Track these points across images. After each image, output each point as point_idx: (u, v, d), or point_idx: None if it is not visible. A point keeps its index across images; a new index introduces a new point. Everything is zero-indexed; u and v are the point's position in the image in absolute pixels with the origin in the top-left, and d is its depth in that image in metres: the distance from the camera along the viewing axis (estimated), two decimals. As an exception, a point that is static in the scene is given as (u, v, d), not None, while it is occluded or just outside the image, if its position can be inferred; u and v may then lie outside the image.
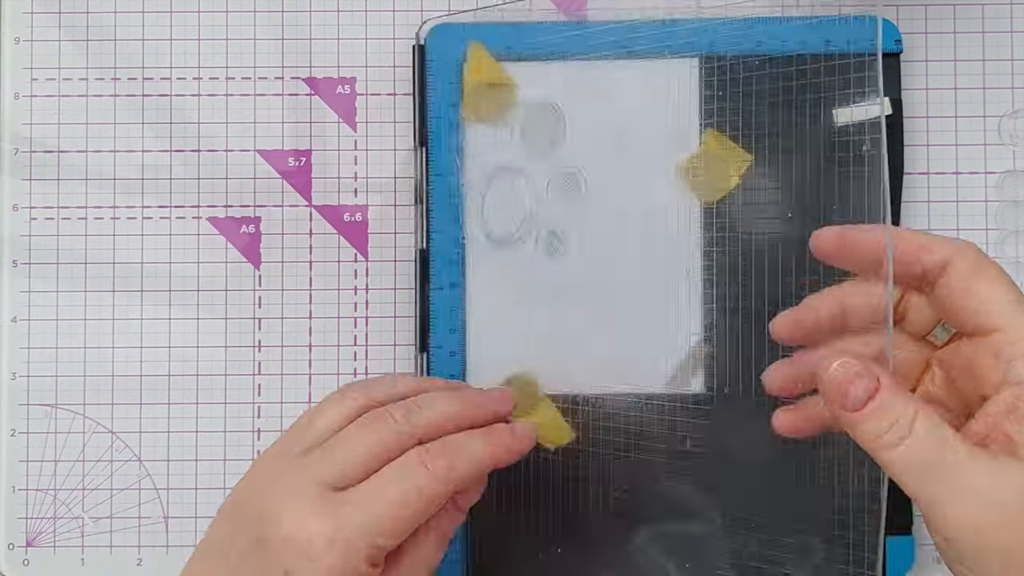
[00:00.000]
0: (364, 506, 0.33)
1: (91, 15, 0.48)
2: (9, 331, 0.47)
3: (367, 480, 0.34)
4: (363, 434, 0.35)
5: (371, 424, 0.35)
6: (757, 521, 0.45)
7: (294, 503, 0.33)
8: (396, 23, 0.48)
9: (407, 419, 0.35)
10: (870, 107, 0.46)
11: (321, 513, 0.33)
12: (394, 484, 0.33)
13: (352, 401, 0.36)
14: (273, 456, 0.36)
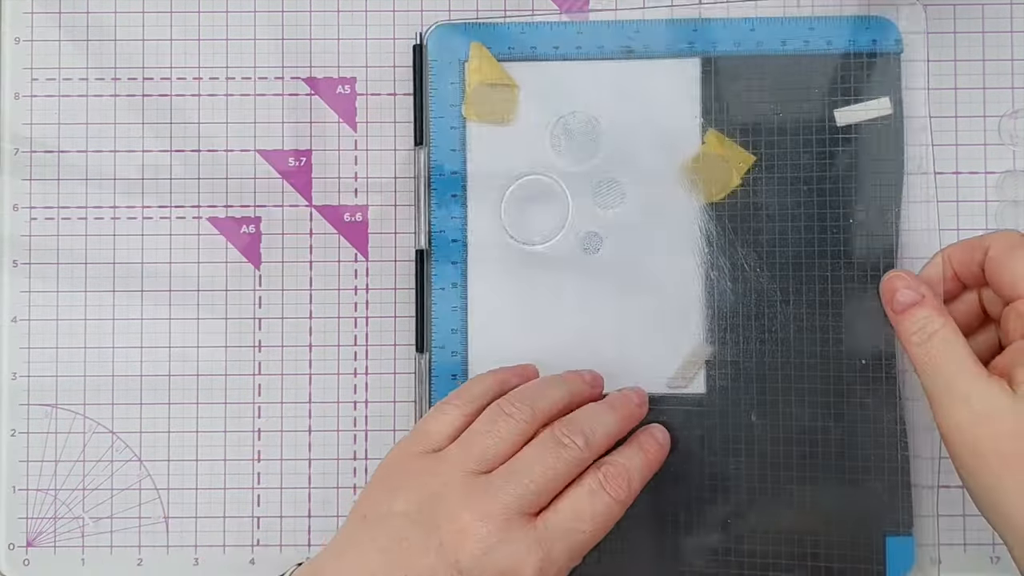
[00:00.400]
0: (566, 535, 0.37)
1: (91, 15, 0.48)
2: (9, 331, 0.47)
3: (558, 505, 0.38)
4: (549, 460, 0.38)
5: (556, 450, 0.38)
6: (758, 520, 0.45)
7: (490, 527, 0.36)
8: (396, 23, 0.48)
9: (587, 446, 0.38)
10: (871, 107, 0.46)
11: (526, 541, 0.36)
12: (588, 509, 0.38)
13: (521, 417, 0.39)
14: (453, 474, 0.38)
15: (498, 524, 0.36)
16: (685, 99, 0.46)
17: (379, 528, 0.37)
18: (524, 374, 0.43)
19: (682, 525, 0.45)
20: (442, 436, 0.40)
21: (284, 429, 0.47)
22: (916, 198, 0.46)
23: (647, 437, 0.42)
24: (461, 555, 0.36)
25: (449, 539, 0.36)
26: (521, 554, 0.36)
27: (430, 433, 0.40)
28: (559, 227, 0.46)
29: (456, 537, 0.36)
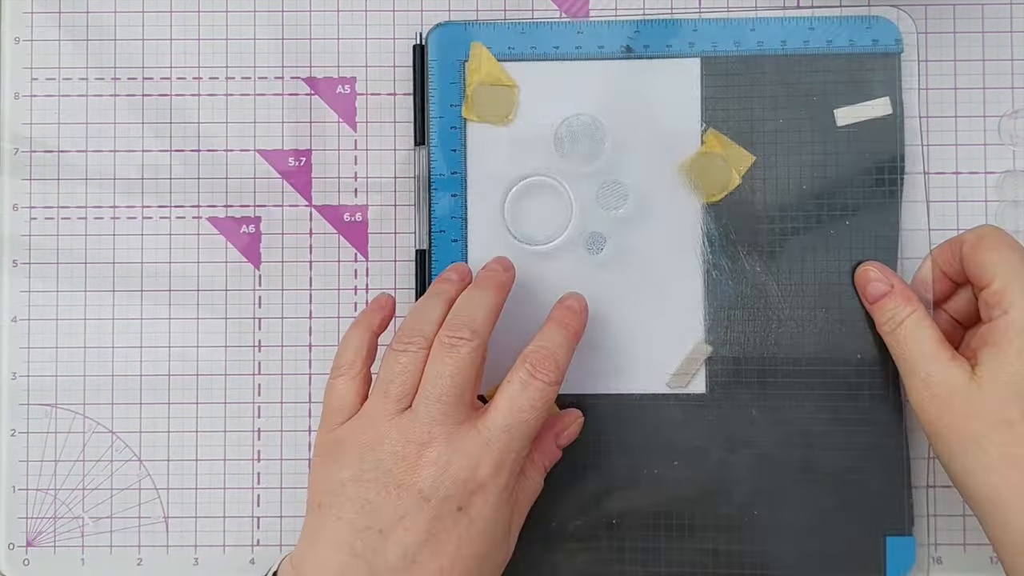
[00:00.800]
0: (511, 428, 0.38)
1: (91, 15, 0.48)
2: (9, 331, 0.47)
3: (496, 404, 0.39)
4: (450, 366, 0.39)
5: (451, 353, 0.39)
6: (758, 520, 0.45)
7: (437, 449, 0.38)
8: (396, 23, 0.48)
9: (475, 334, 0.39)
10: (871, 107, 0.46)
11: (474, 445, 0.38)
12: (525, 400, 0.39)
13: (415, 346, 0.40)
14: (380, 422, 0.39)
15: (441, 443, 0.38)
16: (685, 99, 0.46)
17: (337, 505, 0.38)
18: (380, 305, 0.43)
19: (682, 525, 0.45)
20: (347, 403, 0.40)
21: (284, 429, 0.47)
22: (915, 198, 0.46)
23: (564, 312, 0.42)
24: (421, 483, 0.37)
25: (404, 478, 0.37)
26: (475, 458, 0.38)
27: (336, 408, 0.40)
28: (562, 227, 0.46)
29: (409, 471, 0.37)
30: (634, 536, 0.45)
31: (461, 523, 0.37)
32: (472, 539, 0.38)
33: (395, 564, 0.37)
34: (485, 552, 0.38)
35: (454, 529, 0.37)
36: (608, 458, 0.45)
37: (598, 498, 0.45)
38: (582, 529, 0.45)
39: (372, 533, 0.37)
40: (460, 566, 0.37)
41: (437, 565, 0.37)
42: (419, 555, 0.37)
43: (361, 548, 0.37)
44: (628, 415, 0.46)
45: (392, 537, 0.37)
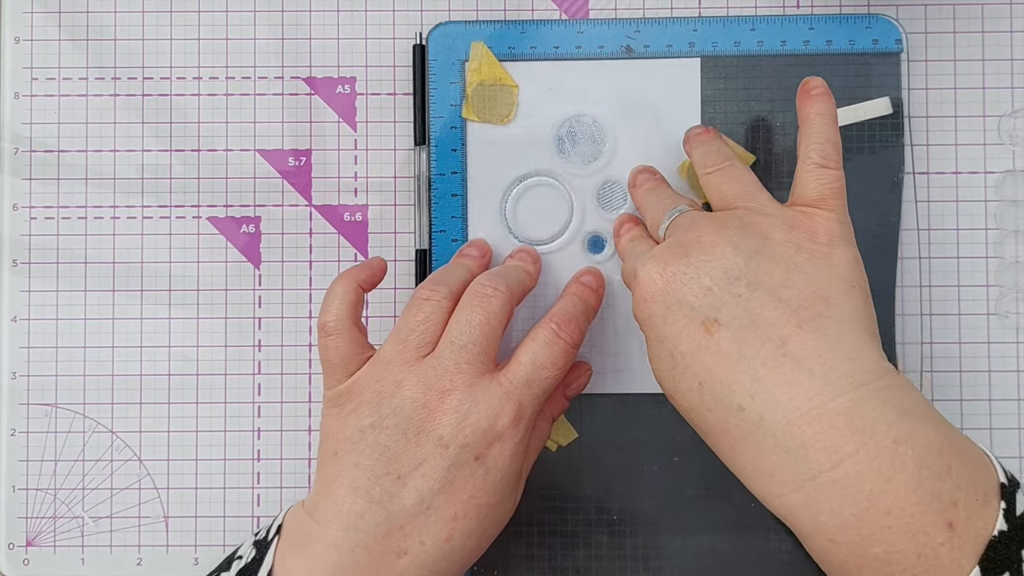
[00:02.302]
0: (532, 383, 0.39)
1: (91, 15, 0.48)
2: (9, 331, 0.47)
3: (518, 358, 0.39)
4: (479, 315, 0.39)
5: (483, 302, 0.39)
6: (758, 518, 0.45)
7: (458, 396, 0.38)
8: (396, 23, 0.48)
9: (508, 288, 0.40)
10: (871, 107, 0.46)
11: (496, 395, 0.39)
12: (547, 357, 0.39)
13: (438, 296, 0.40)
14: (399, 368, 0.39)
15: (462, 391, 0.38)
16: (685, 99, 0.46)
17: (356, 452, 0.38)
18: (370, 264, 0.43)
19: (682, 524, 0.45)
20: (346, 357, 0.40)
21: (284, 429, 0.47)
22: (914, 198, 0.46)
23: (581, 287, 0.44)
24: (441, 431, 0.38)
25: (424, 424, 0.38)
26: (495, 408, 0.38)
27: (337, 364, 0.40)
28: (562, 227, 0.46)
29: (429, 418, 0.38)
30: (634, 535, 0.45)
31: (478, 472, 0.38)
32: (487, 488, 0.38)
33: (411, 510, 0.37)
34: (498, 500, 0.38)
35: (471, 478, 0.38)
36: (608, 457, 0.45)
37: (598, 497, 0.45)
38: (582, 528, 0.45)
39: (390, 479, 0.37)
40: (473, 513, 0.38)
41: (451, 512, 0.37)
42: (435, 501, 0.37)
43: (379, 494, 0.37)
44: (628, 415, 0.46)
45: (409, 483, 0.37)
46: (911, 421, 0.34)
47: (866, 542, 0.33)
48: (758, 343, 0.35)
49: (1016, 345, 0.46)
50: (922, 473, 0.33)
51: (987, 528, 0.33)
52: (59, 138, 0.48)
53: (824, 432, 0.33)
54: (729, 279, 0.36)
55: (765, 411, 0.34)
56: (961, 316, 0.46)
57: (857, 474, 0.33)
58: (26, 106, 0.48)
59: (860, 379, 0.34)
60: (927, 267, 0.46)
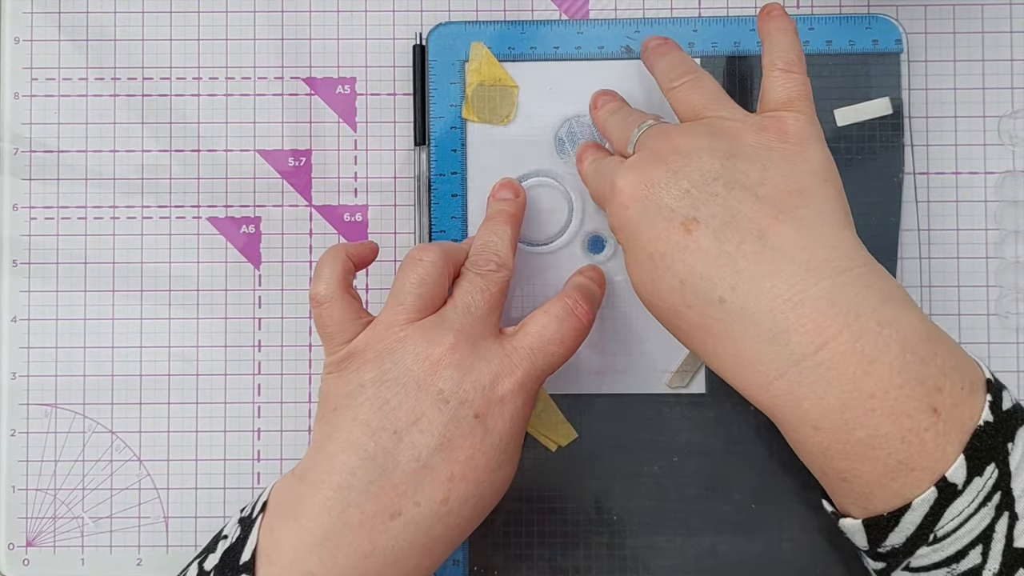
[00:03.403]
0: (537, 354, 0.39)
1: (91, 15, 0.48)
2: (9, 331, 0.47)
3: (526, 329, 0.40)
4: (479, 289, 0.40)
5: (482, 279, 0.40)
6: (758, 518, 0.45)
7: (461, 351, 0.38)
8: (396, 23, 0.48)
9: (502, 264, 0.41)
10: (871, 107, 0.46)
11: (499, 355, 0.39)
12: (556, 332, 0.39)
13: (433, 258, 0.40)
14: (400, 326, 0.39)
15: (467, 347, 0.38)
16: (685, 99, 0.46)
17: (354, 406, 0.37)
18: (362, 244, 0.43)
19: (682, 524, 0.45)
20: (343, 322, 0.39)
21: (284, 429, 0.47)
22: (914, 198, 0.46)
23: (584, 279, 0.43)
24: (442, 383, 0.37)
25: (424, 377, 0.37)
26: (497, 369, 0.38)
27: (334, 332, 0.40)
28: (562, 227, 0.46)
29: (431, 371, 0.37)
30: (634, 535, 0.45)
31: (476, 432, 0.37)
32: (485, 450, 0.37)
33: (406, 467, 0.36)
34: (495, 466, 0.38)
35: (469, 436, 0.37)
36: (608, 457, 0.45)
37: (598, 497, 0.45)
38: (582, 528, 0.45)
39: (387, 434, 0.37)
40: (471, 476, 0.37)
41: (448, 472, 0.37)
42: (431, 459, 0.36)
43: (374, 450, 0.36)
44: (628, 415, 0.46)
45: (406, 438, 0.37)
46: (895, 306, 0.34)
47: (850, 426, 0.33)
48: (738, 237, 0.35)
49: (1016, 345, 0.46)
50: (906, 356, 0.33)
51: (972, 417, 0.33)
52: (59, 138, 0.48)
53: (807, 316, 0.34)
54: (706, 180, 0.36)
55: (747, 301, 0.35)
56: (961, 316, 0.46)
57: (841, 356, 0.33)
58: (26, 106, 0.48)
59: (842, 264, 0.34)
60: (927, 267, 0.46)
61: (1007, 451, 0.33)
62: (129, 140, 0.48)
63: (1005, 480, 0.33)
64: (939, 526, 0.33)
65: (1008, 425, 0.33)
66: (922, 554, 0.34)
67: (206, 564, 0.38)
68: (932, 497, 0.33)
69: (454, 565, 0.45)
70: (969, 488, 0.33)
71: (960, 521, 0.33)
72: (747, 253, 0.35)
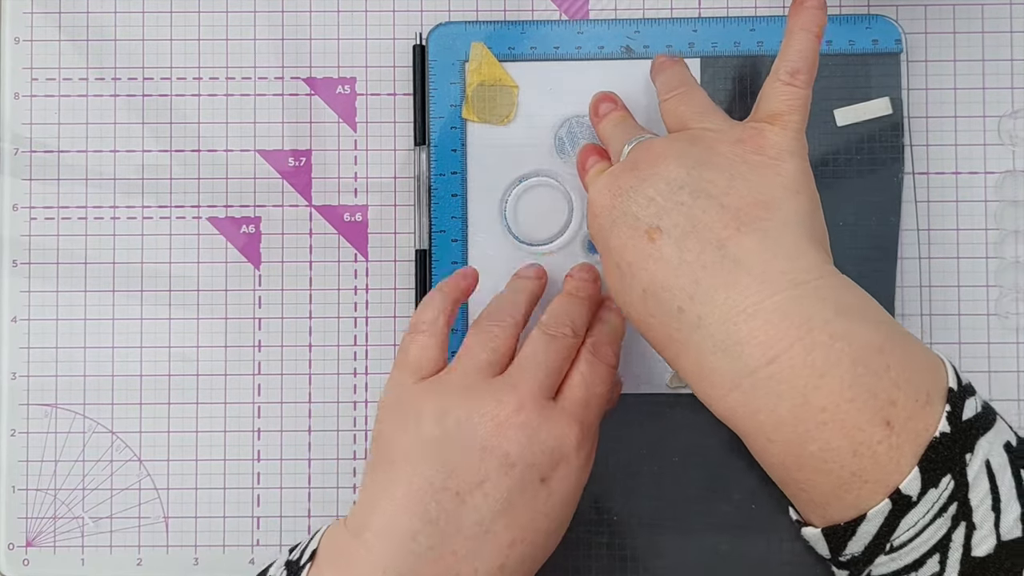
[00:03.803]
0: (588, 401, 0.39)
1: (91, 15, 0.48)
2: (9, 331, 0.47)
3: (570, 383, 0.39)
4: (552, 352, 0.39)
5: (553, 342, 0.39)
6: (758, 519, 0.45)
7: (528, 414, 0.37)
8: (396, 23, 0.48)
9: (575, 333, 0.40)
10: (871, 107, 0.46)
11: (562, 417, 0.38)
12: (595, 376, 0.39)
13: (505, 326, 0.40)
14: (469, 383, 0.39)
15: (532, 410, 0.37)
16: (685, 99, 0.46)
17: (414, 462, 0.36)
18: (464, 274, 0.43)
19: (682, 525, 0.45)
20: (427, 360, 0.40)
21: (284, 429, 0.47)
22: (914, 198, 0.46)
23: (609, 314, 0.42)
24: (509, 447, 0.36)
25: (490, 440, 0.36)
26: (562, 428, 0.37)
27: (414, 364, 0.40)
28: (562, 228, 0.46)
29: (496, 433, 0.36)
30: (634, 535, 0.45)
31: (540, 495, 0.36)
32: (547, 512, 0.37)
33: (467, 531, 0.35)
34: (555, 527, 0.37)
35: (533, 501, 0.36)
36: (608, 457, 0.45)
37: (598, 497, 0.45)
38: (582, 528, 0.45)
39: (448, 495, 0.36)
40: (530, 538, 0.36)
41: (510, 537, 0.36)
42: (494, 524, 0.36)
43: (435, 512, 0.35)
44: (628, 415, 0.45)
45: (469, 501, 0.36)
46: (849, 319, 0.34)
47: (802, 439, 0.33)
48: (698, 247, 0.35)
49: (1016, 345, 0.46)
50: (858, 370, 0.33)
51: (928, 429, 0.33)
52: (59, 138, 0.48)
53: (760, 328, 0.34)
54: (672, 188, 0.36)
55: (703, 312, 0.34)
56: (961, 316, 0.46)
57: (792, 369, 0.33)
58: (26, 106, 0.48)
59: (799, 278, 0.34)
60: (927, 267, 0.46)
61: (964, 462, 0.33)
62: (129, 140, 0.48)
63: (962, 491, 0.33)
64: (895, 536, 0.33)
65: (967, 436, 0.33)
66: (881, 563, 0.34)
67: None
68: (887, 508, 0.33)
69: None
70: (924, 499, 0.33)
71: (916, 531, 0.33)
72: (706, 263, 0.35)
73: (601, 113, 0.44)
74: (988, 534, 0.33)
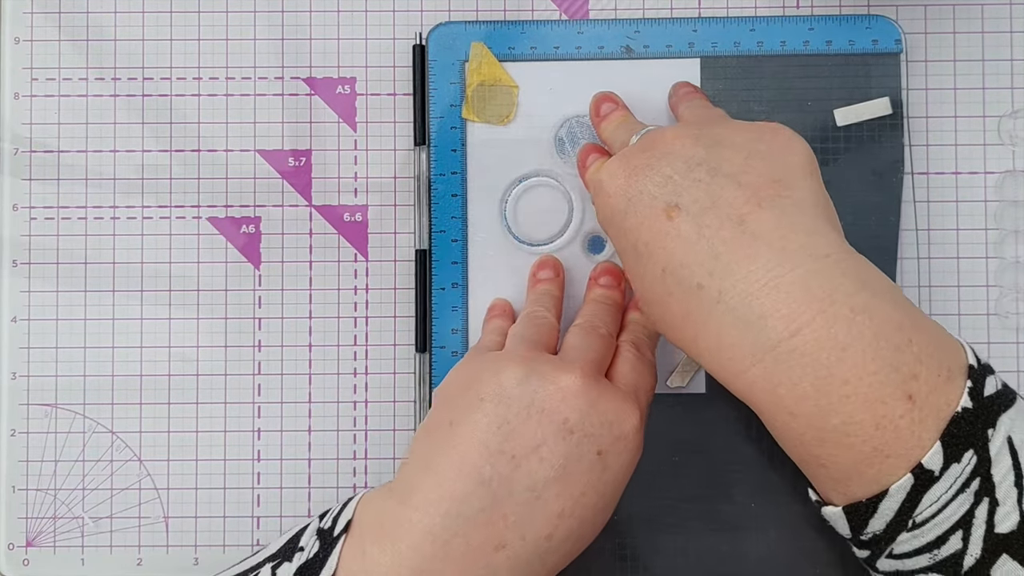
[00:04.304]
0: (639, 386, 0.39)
1: (91, 15, 0.48)
2: (9, 331, 0.47)
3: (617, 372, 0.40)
4: (595, 339, 0.40)
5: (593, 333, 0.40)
6: (758, 519, 0.45)
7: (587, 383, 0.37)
8: (396, 23, 0.48)
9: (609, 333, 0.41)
10: (871, 107, 0.46)
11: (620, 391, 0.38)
12: (641, 365, 0.40)
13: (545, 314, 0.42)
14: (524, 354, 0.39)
15: (594, 381, 0.37)
16: (685, 99, 0.46)
17: (472, 422, 0.36)
18: (505, 306, 0.45)
19: (682, 525, 0.45)
20: (494, 344, 0.42)
21: (284, 429, 0.47)
22: (914, 198, 0.46)
23: (638, 315, 0.43)
24: (569, 413, 0.36)
25: (550, 403, 0.36)
26: (621, 404, 0.37)
27: (484, 344, 0.42)
28: (562, 228, 0.46)
29: (557, 398, 0.36)
30: (634, 535, 0.45)
31: (596, 468, 0.36)
32: (600, 489, 0.36)
33: (520, 496, 0.35)
34: (603, 506, 0.37)
35: (588, 473, 0.36)
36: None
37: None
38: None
39: (504, 458, 0.35)
40: (579, 513, 0.36)
41: (559, 507, 0.35)
42: (546, 491, 0.35)
43: (489, 474, 0.35)
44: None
45: (524, 465, 0.35)
46: (870, 294, 0.34)
47: (824, 413, 0.33)
48: (717, 223, 0.35)
49: (1016, 345, 0.46)
50: (880, 343, 0.33)
51: (949, 404, 0.33)
52: (59, 138, 0.48)
53: (782, 301, 0.34)
54: (689, 167, 0.36)
55: (723, 286, 0.35)
56: (961, 316, 0.46)
57: (815, 342, 0.33)
58: (26, 106, 0.48)
59: (819, 252, 0.34)
60: (927, 267, 0.46)
61: (987, 437, 0.33)
62: (129, 140, 0.48)
63: (984, 466, 0.33)
64: (917, 512, 0.33)
65: (989, 411, 0.33)
66: (903, 540, 0.34)
67: (280, 572, 0.36)
68: (908, 483, 0.33)
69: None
70: (947, 474, 0.33)
71: (939, 507, 0.33)
72: (725, 238, 0.35)
73: (603, 113, 0.44)
74: (1011, 510, 0.33)
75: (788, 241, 0.34)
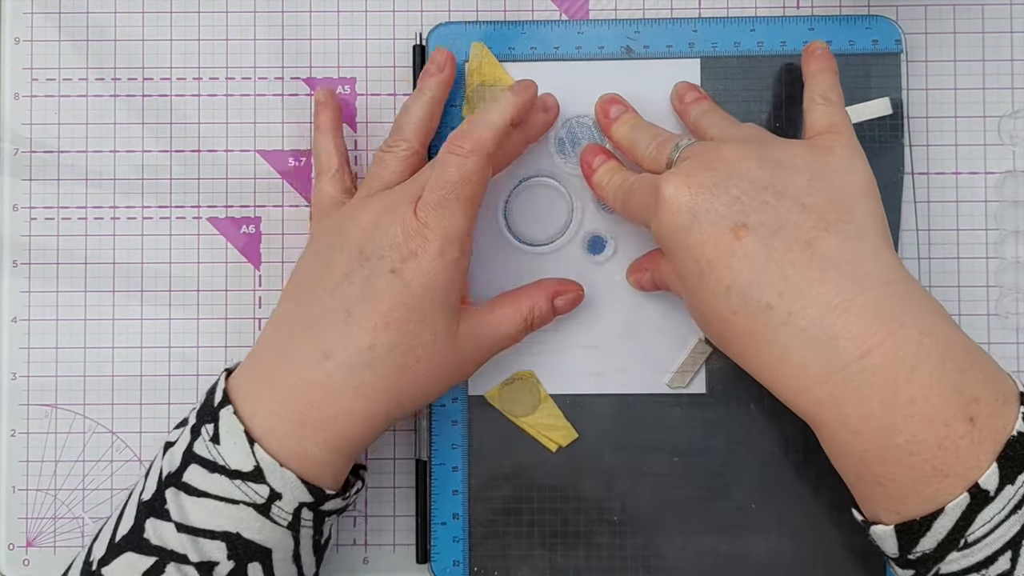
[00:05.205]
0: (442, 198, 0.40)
1: (91, 15, 0.48)
2: (9, 331, 0.47)
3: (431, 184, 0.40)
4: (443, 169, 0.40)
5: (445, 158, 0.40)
6: (758, 519, 0.45)
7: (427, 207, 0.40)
8: (396, 23, 0.48)
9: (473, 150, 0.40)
10: (871, 107, 0.46)
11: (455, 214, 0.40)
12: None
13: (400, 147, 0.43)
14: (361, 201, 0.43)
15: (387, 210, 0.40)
16: (685, 99, 0.46)
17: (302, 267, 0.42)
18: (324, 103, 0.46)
19: (682, 525, 0.45)
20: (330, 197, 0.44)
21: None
22: (914, 198, 0.46)
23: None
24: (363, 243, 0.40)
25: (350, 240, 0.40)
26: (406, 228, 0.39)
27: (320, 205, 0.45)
28: (562, 228, 0.46)
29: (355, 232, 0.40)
30: (634, 536, 0.45)
31: (395, 285, 0.39)
32: (406, 302, 0.39)
33: (335, 318, 0.39)
34: (420, 317, 0.39)
35: (387, 290, 0.39)
36: (608, 457, 0.45)
37: (598, 497, 0.45)
38: (582, 528, 0.45)
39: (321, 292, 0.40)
40: (394, 326, 0.39)
41: (372, 322, 0.39)
42: (355, 308, 0.39)
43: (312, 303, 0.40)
44: (628, 415, 0.46)
45: (337, 293, 0.40)
46: (935, 318, 0.36)
47: (889, 432, 0.34)
48: (785, 245, 0.36)
49: (1016, 345, 0.46)
50: (946, 365, 0.34)
51: (1006, 428, 0.34)
52: (59, 139, 0.48)
53: (853, 323, 0.35)
54: (756, 189, 0.37)
55: (793, 308, 0.36)
56: (961, 316, 0.46)
57: (884, 363, 0.34)
58: (26, 106, 0.48)
59: (885, 277, 0.36)
60: (927, 267, 0.46)
61: None
62: (129, 140, 0.48)
63: None
64: (970, 531, 0.34)
65: None
66: (952, 559, 0.35)
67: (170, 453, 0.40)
68: (965, 503, 0.34)
69: (454, 566, 0.45)
70: (1001, 495, 0.34)
71: (991, 527, 0.34)
72: (795, 261, 0.36)
73: (612, 116, 0.44)
74: None
75: (856, 266, 0.36)
